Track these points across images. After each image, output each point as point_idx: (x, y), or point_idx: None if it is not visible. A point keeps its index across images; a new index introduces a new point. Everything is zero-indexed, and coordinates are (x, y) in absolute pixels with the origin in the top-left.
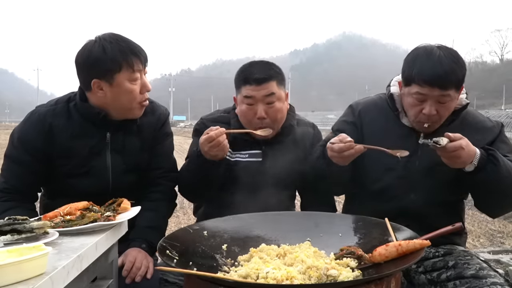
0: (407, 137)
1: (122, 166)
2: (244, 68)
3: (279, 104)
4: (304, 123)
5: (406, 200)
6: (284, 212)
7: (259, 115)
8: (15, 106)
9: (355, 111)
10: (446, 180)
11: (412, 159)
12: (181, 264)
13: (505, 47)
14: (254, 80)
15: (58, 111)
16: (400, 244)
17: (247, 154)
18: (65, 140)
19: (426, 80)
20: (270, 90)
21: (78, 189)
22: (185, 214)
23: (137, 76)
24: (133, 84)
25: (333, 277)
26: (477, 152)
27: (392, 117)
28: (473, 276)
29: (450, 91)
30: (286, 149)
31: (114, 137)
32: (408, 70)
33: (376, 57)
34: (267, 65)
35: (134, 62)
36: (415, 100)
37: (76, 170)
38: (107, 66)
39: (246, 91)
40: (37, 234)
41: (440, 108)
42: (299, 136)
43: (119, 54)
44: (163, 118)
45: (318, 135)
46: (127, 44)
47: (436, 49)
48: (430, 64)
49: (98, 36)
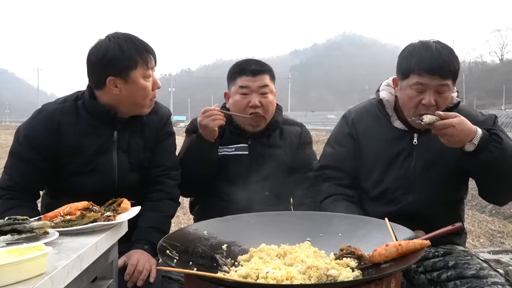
0: (401, 139)
1: (127, 165)
2: (240, 62)
3: (271, 96)
4: (292, 122)
5: (405, 201)
6: (284, 212)
7: (253, 104)
8: (15, 106)
9: (348, 120)
10: (444, 180)
11: (407, 160)
12: (181, 264)
13: (505, 47)
14: (250, 71)
15: (66, 109)
16: (400, 244)
17: (234, 148)
18: (73, 138)
19: (426, 69)
20: (265, 82)
21: (83, 187)
22: (185, 214)
23: (150, 73)
24: (147, 81)
25: (333, 277)
26: (478, 131)
27: (384, 122)
28: (473, 276)
29: (448, 81)
30: (272, 143)
31: (120, 136)
32: (405, 63)
33: (376, 57)
34: (260, 61)
35: (148, 59)
36: (414, 91)
37: (83, 168)
38: (124, 63)
39: (241, 82)
40: (37, 234)
41: (438, 98)
42: (286, 132)
43: (135, 51)
44: (166, 118)
45: (306, 134)
46: (140, 42)
47: (432, 42)
48: (429, 54)
49: (111, 34)
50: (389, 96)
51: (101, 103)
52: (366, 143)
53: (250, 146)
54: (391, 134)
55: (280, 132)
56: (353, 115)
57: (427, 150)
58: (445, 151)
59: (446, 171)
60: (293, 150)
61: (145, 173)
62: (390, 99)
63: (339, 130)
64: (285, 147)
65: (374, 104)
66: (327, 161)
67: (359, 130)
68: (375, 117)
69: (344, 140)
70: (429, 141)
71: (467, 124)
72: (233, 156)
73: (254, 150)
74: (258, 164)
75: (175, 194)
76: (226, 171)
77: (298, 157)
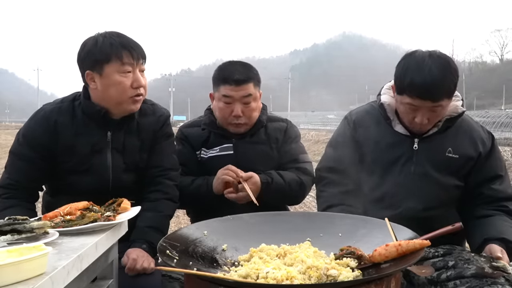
0: (401, 144)
1: (122, 165)
2: (224, 67)
3: (254, 104)
4: (277, 118)
5: (404, 206)
6: (284, 212)
7: (236, 113)
8: (15, 106)
9: (350, 122)
10: (443, 185)
11: (407, 165)
12: (181, 264)
13: (505, 47)
14: (234, 81)
15: (63, 109)
16: (400, 244)
17: (218, 148)
18: (68, 137)
19: (417, 94)
20: (248, 92)
21: (79, 186)
22: (185, 214)
23: (126, 68)
24: (123, 76)
25: (333, 277)
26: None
27: (385, 126)
28: (473, 276)
29: (442, 102)
30: (256, 140)
31: (115, 136)
32: (399, 80)
33: (376, 57)
34: (246, 67)
35: (124, 55)
36: (407, 109)
37: (78, 167)
38: (97, 56)
39: (225, 91)
40: (37, 234)
41: (432, 116)
42: (270, 128)
43: (109, 46)
44: (163, 119)
45: (292, 128)
46: (120, 38)
47: (428, 58)
48: (421, 77)
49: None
50: (390, 100)
51: (94, 103)
52: (367, 146)
53: (234, 145)
54: (391, 138)
55: (265, 129)
56: (355, 118)
57: (427, 155)
58: (445, 156)
59: (446, 176)
60: (279, 145)
61: (142, 173)
62: (391, 103)
63: (341, 133)
64: (270, 143)
65: (376, 107)
66: (330, 163)
67: (361, 133)
68: (376, 121)
69: (346, 142)
70: (429, 147)
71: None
72: (218, 156)
73: (238, 149)
74: (244, 162)
75: (174, 195)
76: (213, 172)
77: (284, 151)
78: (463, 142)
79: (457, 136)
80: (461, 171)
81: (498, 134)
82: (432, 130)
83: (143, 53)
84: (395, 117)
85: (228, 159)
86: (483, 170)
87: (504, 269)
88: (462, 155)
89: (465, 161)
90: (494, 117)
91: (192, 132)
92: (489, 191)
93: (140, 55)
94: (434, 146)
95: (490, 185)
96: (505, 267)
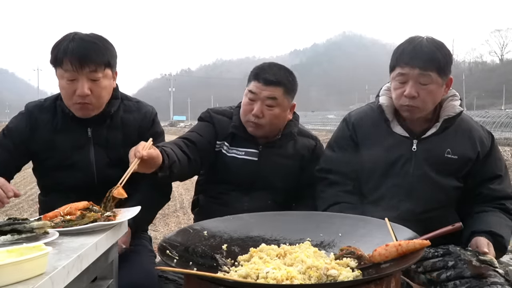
0: (400, 145)
1: (106, 160)
2: (262, 65)
3: (279, 110)
4: (307, 134)
5: (403, 208)
6: (284, 212)
7: (255, 112)
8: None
9: (349, 124)
10: (442, 186)
11: (406, 166)
12: (181, 264)
13: (505, 47)
14: (263, 79)
15: (45, 107)
16: (400, 244)
17: (244, 151)
18: (48, 134)
19: (405, 60)
20: (274, 94)
21: (65, 183)
22: (185, 214)
23: (69, 76)
24: (66, 83)
25: (333, 277)
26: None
27: (384, 127)
28: (473, 276)
29: (431, 72)
30: (283, 153)
31: (96, 132)
32: (392, 57)
33: (376, 57)
34: (282, 70)
35: (64, 62)
36: (398, 82)
37: (60, 163)
38: (51, 58)
39: (252, 86)
40: (37, 234)
41: (421, 90)
42: (299, 144)
43: (62, 50)
44: (149, 116)
45: (320, 149)
46: (76, 43)
47: (421, 37)
48: (411, 47)
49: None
50: (388, 101)
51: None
52: (366, 147)
53: (260, 153)
54: (390, 140)
55: (294, 143)
56: (353, 119)
57: (426, 156)
58: (444, 157)
59: (445, 177)
60: (304, 164)
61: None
62: (390, 104)
63: (340, 134)
64: (296, 159)
65: (374, 108)
66: (330, 165)
67: (359, 134)
68: (375, 122)
69: (345, 143)
70: (428, 148)
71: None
72: (241, 160)
73: (264, 157)
74: (265, 172)
75: (162, 188)
76: (232, 174)
77: (307, 170)
78: (462, 142)
79: (456, 136)
80: (460, 171)
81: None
82: (430, 131)
83: (97, 61)
84: (394, 119)
85: (251, 165)
86: (483, 170)
87: (491, 263)
88: (461, 155)
89: (464, 162)
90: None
91: (221, 120)
92: (487, 190)
93: (90, 63)
94: (433, 147)
95: (489, 185)
96: (492, 261)
